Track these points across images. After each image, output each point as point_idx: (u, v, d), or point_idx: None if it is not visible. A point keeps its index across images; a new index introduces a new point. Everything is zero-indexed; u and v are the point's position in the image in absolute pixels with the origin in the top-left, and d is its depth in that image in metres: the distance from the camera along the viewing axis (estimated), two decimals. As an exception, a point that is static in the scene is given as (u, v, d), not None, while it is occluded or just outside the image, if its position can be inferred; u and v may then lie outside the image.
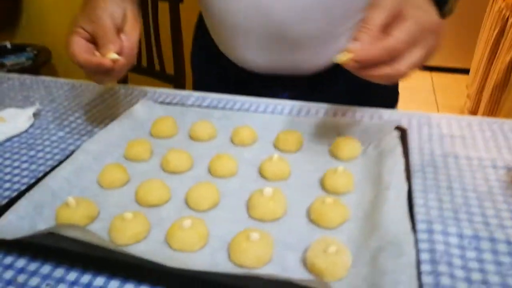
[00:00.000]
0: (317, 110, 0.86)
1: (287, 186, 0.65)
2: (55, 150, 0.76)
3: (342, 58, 0.47)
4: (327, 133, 0.77)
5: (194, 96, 0.94)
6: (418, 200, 0.61)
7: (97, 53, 0.65)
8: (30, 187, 0.61)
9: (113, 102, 0.92)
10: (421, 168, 0.69)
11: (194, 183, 0.63)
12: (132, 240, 0.54)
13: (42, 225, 0.57)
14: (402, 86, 1.03)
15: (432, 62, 3.43)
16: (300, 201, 0.61)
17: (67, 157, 0.68)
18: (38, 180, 0.63)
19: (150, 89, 0.97)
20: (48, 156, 0.74)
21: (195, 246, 0.53)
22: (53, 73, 2.86)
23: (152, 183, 0.62)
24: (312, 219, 0.57)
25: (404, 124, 0.77)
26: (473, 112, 2.43)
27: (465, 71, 3.03)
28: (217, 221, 0.58)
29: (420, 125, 0.82)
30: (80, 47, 0.64)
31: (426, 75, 3.34)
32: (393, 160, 0.64)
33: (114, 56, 0.63)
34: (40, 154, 0.75)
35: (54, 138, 0.80)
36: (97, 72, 0.65)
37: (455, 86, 3.05)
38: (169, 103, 0.89)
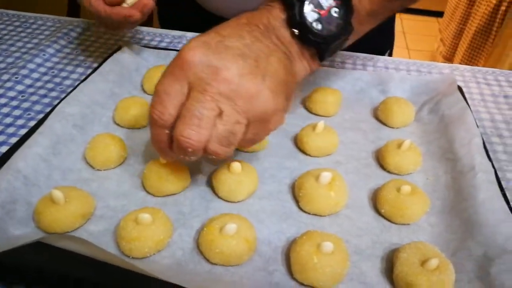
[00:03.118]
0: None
1: (336, 163, 0.51)
2: (16, 112, 0.56)
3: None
4: (367, 89, 0.62)
5: (188, 37, 0.75)
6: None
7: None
8: (-11, 171, 0.43)
9: (85, 42, 0.71)
10: (486, 139, 0.57)
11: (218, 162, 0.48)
12: (152, 251, 0.39)
13: (16, 229, 0.40)
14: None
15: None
16: (359, 186, 0.48)
17: (37, 124, 0.49)
18: (1, 159, 0.44)
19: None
20: (8, 120, 0.55)
21: (242, 258, 0.39)
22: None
23: (164, 163, 0.45)
24: (384, 213, 0.45)
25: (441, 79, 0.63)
26: (448, 58, 2.36)
27: (436, 14, 2.93)
28: (260, 216, 0.44)
29: (466, 81, 0.69)
30: None
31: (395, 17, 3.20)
32: (465, 130, 0.52)
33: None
34: (-5, 118, 0.55)
35: (11, 93, 0.59)
36: (120, 23, 0.56)
37: (426, 30, 2.95)
38: (157, 47, 0.70)
